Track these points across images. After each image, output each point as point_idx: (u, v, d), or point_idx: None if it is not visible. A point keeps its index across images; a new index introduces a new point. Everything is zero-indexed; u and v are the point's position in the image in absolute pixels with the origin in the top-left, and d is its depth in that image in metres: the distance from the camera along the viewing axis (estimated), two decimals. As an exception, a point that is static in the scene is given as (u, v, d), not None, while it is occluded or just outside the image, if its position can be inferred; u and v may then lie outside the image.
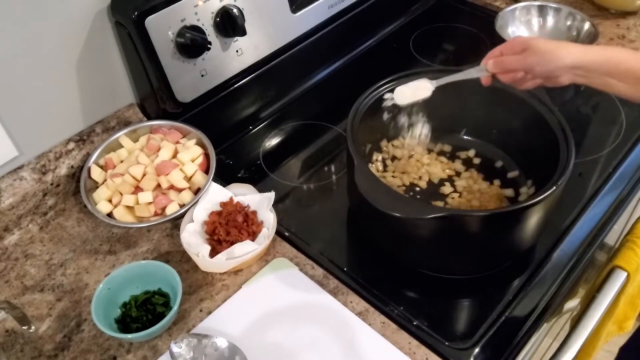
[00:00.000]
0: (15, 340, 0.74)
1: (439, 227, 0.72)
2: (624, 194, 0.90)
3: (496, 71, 0.78)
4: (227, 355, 0.68)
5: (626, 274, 0.90)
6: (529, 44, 0.75)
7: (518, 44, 0.76)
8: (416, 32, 1.27)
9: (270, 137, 1.04)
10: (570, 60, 0.73)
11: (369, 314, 0.75)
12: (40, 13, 0.79)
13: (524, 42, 0.76)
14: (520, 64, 0.76)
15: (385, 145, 0.96)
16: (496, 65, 0.78)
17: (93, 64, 0.89)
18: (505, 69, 0.77)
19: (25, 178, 0.86)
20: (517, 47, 0.76)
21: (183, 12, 0.87)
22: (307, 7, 1.06)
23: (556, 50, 0.73)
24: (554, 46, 0.74)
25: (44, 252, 0.84)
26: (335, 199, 0.93)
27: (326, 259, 0.81)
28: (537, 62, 0.74)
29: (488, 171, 0.92)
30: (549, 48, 0.74)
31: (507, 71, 0.77)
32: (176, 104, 0.93)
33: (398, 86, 0.84)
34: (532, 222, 0.76)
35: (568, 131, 0.78)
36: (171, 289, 0.75)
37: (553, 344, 1.10)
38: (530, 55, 0.74)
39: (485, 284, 0.79)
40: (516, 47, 0.76)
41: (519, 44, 0.76)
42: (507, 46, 0.78)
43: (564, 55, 0.73)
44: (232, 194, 0.85)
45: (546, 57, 0.73)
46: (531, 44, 0.75)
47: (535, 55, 0.74)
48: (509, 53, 0.77)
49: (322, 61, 1.17)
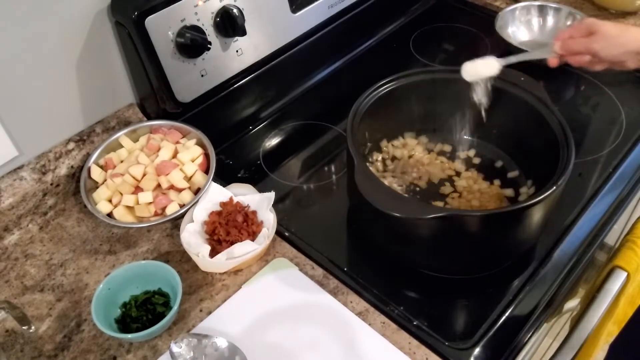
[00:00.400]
0: (15, 340, 0.74)
1: (439, 227, 0.72)
2: (624, 194, 0.90)
3: (563, 52, 0.78)
4: (227, 355, 0.68)
5: (626, 274, 0.90)
6: (597, 28, 0.75)
7: (586, 26, 0.76)
8: (416, 32, 1.27)
9: (270, 137, 1.04)
10: (635, 46, 0.73)
11: (369, 314, 0.75)
12: (40, 13, 0.79)
13: (592, 25, 0.75)
14: (586, 48, 0.76)
15: (385, 145, 0.96)
16: (563, 47, 0.78)
17: (93, 64, 0.89)
18: (572, 51, 0.77)
19: (25, 178, 0.86)
20: (585, 29, 0.76)
21: (183, 12, 0.87)
22: (307, 7, 1.06)
23: (621, 35, 0.73)
24: (620, 31, 0.73)
25: (44, 252, 0.84)
26: (335, 199, 0.93)
27: (326, 259, 0.81)
28: (602, 47, 0.74)
29: (488, 171, 0.92)
30: (615, 33, 0.73)
31: (574, 53, 0.77)
32: (176, 104, 0.93)
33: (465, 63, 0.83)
34: (532, 222, 0.76)
35: (568, 131, 0.78)
36: (171, 289, 0.75)
37: (553, 344, 1.10)
38: (596, 40, 0.74)
39: (485, 284, 0.79)
40: (584, 30, 0.76)
41: (587, 26, 0.76)
42: (576, 28, 0.78)
43: (629, 42, 0.73)
44: (232, 194, 0.85)
45: (611, 42, 0.73)
46: (598, 28, 0.74)
47: (601, 40, 0.74)
48: (578, 35, 0.77)
49: (322, 61, 1.17)
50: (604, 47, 0.74)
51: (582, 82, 1.10)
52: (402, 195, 0.83)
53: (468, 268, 0.81)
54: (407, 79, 0.88)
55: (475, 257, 0.79)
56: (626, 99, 1.06)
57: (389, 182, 0.91)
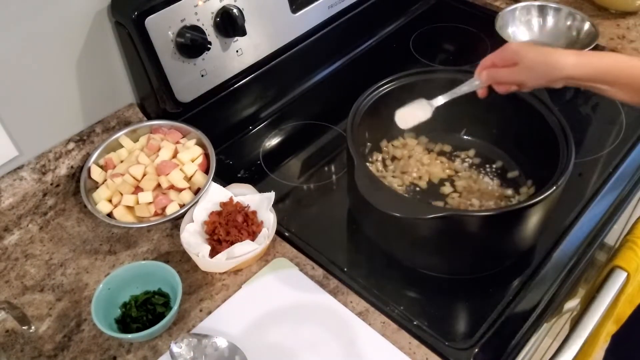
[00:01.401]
0: (15, 340, 0.74)
1: (439, 227, 0.72)
2: (624, 194, 0.90)
3: (490, 83, 0.77)
4: (227, 355, 0.68)
5: (626, 274, 0.90)
6: (520, 57, 0.72)
7: (510, 55, 0.74)
8: (416, 32, 1.27)
9: (270, 137, 1.04)
10: (562, 75, 0.71)
11: (369, 314, 0.75)
12: (40, 13, 0.79)
13: (515, 54, 0.73)
14: (512, 79, 0.74)
15: (385, 145, 0.96)
16: (489, 78, 0.76)
17: (93, 64, 0.89)
18: (498, 82, 0.76)
19: (25, 178, 0.86)
20: (508, 58, 0.74)
21: (183, 12, 0.87)
22: (307, 7, 1.06)
23: (547, 63, 0.71)
24: (545, 59, 0.71)
25: (44, 252, 0.84)
26: (335, 199, 0.93)
27: (326, 259, 0.81)
28: (528, 77, 0.73)
29: (488, 171, 0.92)
30: (540, 61, 0.71)
31: (501, 83, 0.76)
32: (176, 104, 0.93)
33: (398, 110, 0.83)
34: (532, 222, 0.76)
35: (568, 131, 0.78)
36: (171, 289, 0.75)
37: (553, 344, 1.10)
38: (521, 70, 0.73)
39: (485, 284, 0.79)
40: (507, 59, 0.74)
41: (510, 55, 0.74)
42: (499, 56, 0.76)
43: (556, 71, 0.71)
44: (232, 194, 0.85)
45: (537, 72, 0.72)
46: (522, 58, 0.72)
47: (526, 71, 0.72)
48: (501, 64, 0.75)
49: (322, 61, 1.17)
50: (529, 77, 0.73)
51: (582, 82, 1.10)
52: (402, 195, 0.83)
53: (468, 268, 0.81)
54: (407, 79, 0.88)
55: (475, 257, 0.79)
56: (626, 99, 1.06)
57: (389, 182, 0.91)
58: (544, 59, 0.72)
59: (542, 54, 0.73)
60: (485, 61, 0.78)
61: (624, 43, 1.17)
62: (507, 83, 0.75)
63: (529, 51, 0.73)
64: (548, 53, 0.73)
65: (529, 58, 0.72)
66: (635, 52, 1.14)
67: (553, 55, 0.72)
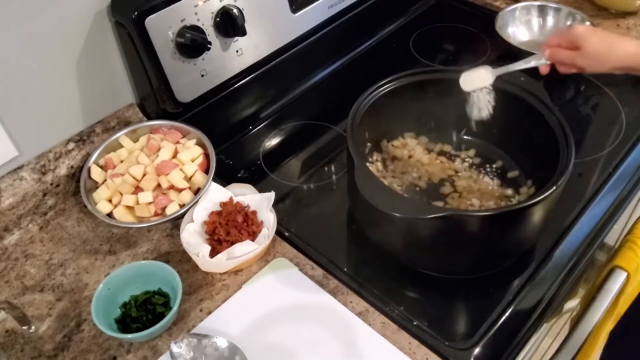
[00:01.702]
0: (15, 340, 0.74)
1: (439, 227, 0.72)
2: (624, 194, 0.90)
3: (551, 61, 0.78)
4: (227, 355, 0.68)
5: (626, 274, 0.90)
6: (582, 43, 0.74)
7: (574, 38, 0.75)
8: (416, 32, 1.27)
9: (270, 137, 1.04)
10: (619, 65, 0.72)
11: (369, 314, 0.75)
12: (40, 13, 0.79)
13: (578, 39, 0.75)
14: (572, 62, 0.76)
15: (385, 145, 0.96)
16: (552, 57, 0.78)
17: (93, 64, 0.89)
18: (559, 61, 0.78)
19: (25, 178, 0.86)
20: (572, 41, 0.75)
21: (183, 12, 0.87)
22: (307, 7, 1.06)
23: (606, 54, 0.72)
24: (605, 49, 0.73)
25: (44, 252, 0.84)
26: (335, 199, 0.93)
27: (326, 259, 0.81)
28: (586, 64, 0.75)
29: (488, 171, 0.92)
30: (599, 51, 0.73)
31: (562, 63, 0.77)
32: (176, 104, 0.93)
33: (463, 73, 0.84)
34: (532, 222, 0.76)
35: (568, 131, 0.78)
36: (171, 289, 0.75)
37: (553, 344, 1.10)
38: (581, 56, 0.74)
39: (485, 284, 0.79)
40: (571, 41, 0.76)
41: (574, 38, 0.75)
42: (565, 37, 0.77)
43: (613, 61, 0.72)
44: (232, 194, 0.85)
45: (595, 60, 0.73)
46: (583, 44, 0.74)
47: (586, 57, 0.74)
48: (565, 45, 0.77)
49: (322, 61, 1.17)
50: (589, 64, 0.75)
51: (582, 82, 1.10)
52: (402, 195, 0.83)
53: (468, 268, 0.81)
54: (407, 79, 0.88)
55: (475, 257, 0.79)
56: (626, 99, 1.06)
57: (389, 182, 0.91)
58: (607, 48, 0.73)
59: (605, 42, 0.74)
60: (551, 40, 0.79)
61: (624, 43, 1.17)
62: (567, 65, 0.77)
63: (593, 37, 0.75)
64: (611, 41, 0.74)
65: (591, 45, 0.74)
66: (635, 52, 1.14)
67: (615, 44, 0.74)
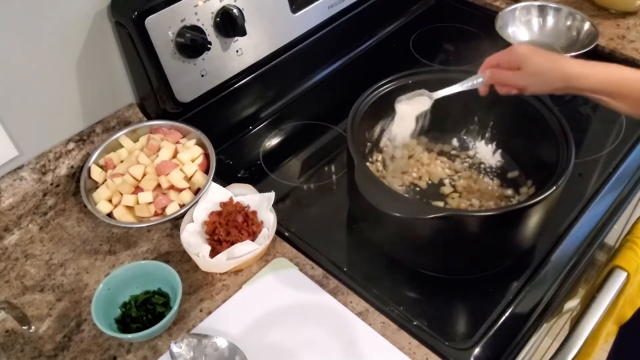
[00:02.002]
0: (15, 340, 0.74)
1: (439, 227, 0.72)
2: (624, 194, 0.90)
3: (492, 82, 0.77)
4: (227, 355, 0.68)
5: (626, 274, 0.90)
6: (525, 62, 0.72)
7: (515, 58, 0.73)
8: (416, 32, 1.27)
9: (270, 137, 1.04)
10: (566, 85, 0.70)
11: (369, 314, 0.75)
12: (40, 13, 0.79)
13: (520, 58, 0.73)
14: (514, 82, 0.74)
15: (385, 145, 0.96)
16: (492, 78, 0.76)
17: (93, 64, 0.89)
18: (500, 82, 0.76)
19: (25, 178, 0.86)
20: (513, 61, 0.74)
21: (183, 12, 0.87)
22: (307, 7, 1.06)
23: (551, 72, 0.71)
24: (550, 68, 0.71)
25: (44, 252, 0.84)
26: (335, 199, 0.93)
27: (326, 259, 0.81)
28: (530, 83, 0.73)
29: (488, 171, 0.92)
30: (544, 70, 0.71)
31: (503, 84, 0.76)
32: (176, 104, 0.93)
33: (399, 100, 0.84)
34: (532, 222, 0.76)
35: (568, 131, 0.78)
36: (171, 289, 0.75)
37: (553, 344, 1.10)
38: (524, 76, 0.72)
39: (485, 284, 0.79)
40: (512, 62, 0.74)
41: (515, 58, 0.73)
42: (505, 58, 0.75)
43: (559, 80, 0.70)
44: (232, 194, 0.85)
45: (540, 80, 0.71)
46: (526, 63, 0.72)
47: (529, 77, 0.72)
48: (505, 65, 0.75)
49: (322, 61, 1.17)
50: (530, 84, 0.72)
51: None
52: (402, 195, 0.83)
53: (468, 268, 0.81)
54: (407, 79, 0.88)
55: (475, 257, 0.79)
56: (626, 99, 1.05)
57: (389, 182, 0.91)
58: (548, 68, 0.71)
59: (546, 62, 0.72)
60: (490, 60, 0.77)
61: (624, 43, 1.17)
62: (509, 86, 0.75)
63: (534, 57, 0.72)
64: (553, 61, 0.72)
65: (534, 65, 0.72)
66: (635, 52, 1.14)
67: (557, 64, 0.71)
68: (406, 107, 0.84)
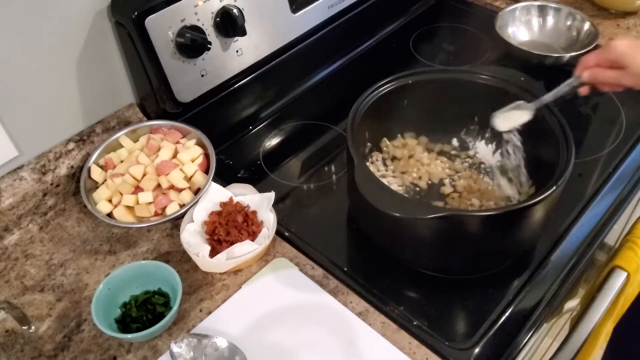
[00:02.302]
0: (15, 340, 0.74)
1: (439, 227, 0.72)
2: (624, 194, 0.90)
3: (592, 82, 0.76)
4: (227, 355, 0.68)
5: (626, 274, 0.90)
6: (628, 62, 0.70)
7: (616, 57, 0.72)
8: (416, 32, 1.27)
9: (270, 137, 1.04)
10: None
11: (369, 314, 0.75)
12: (40, 13, 0.79)
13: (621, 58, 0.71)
14: (617, 82, 0.73)
15: (385, 145, 0.96)
16: (592, 77, 0.75)
17: (93, 64, 0.89)
18: (601, 82, 0.75)
19: (25, 178, 0.86)
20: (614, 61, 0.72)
21: (183, 12, 0.87)
22: (307, 7, 1.06)
23: None
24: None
25: (44, 252, 0.84)
26: (335, 199, 0.93)
27: (326, 259, 0.81)
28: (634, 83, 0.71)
29: (488, 171, 0.92)
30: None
31: (604, 84, 0.75)
32: (176, 104, 0.93)
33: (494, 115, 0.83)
34: (532, 222, 0.76)
35: (568, 131, 0.78)
36: (171, 289, 0.75)
37: (553, 344, 1.10)
38: (627, 76, 0.71)
39: (486, 283, 0.79)
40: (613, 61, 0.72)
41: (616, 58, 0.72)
42: (604, 57, 0.74)
43: None
44: (232, 194, 0.85)
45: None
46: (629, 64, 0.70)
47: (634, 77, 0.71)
48: (605, 64, 0.74)
49: (322, 61, 1.17)
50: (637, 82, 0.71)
51: (582, 82, 1.10)
52: (402, 195, 0.83)
53: (468, 268, 0.81)
54: (407, 79, 0.88)
55: (476, 257, 0.79)
56: (626, 99, 1.06)
57: (389, 182, 0.91)
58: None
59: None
60: (588, 61, 0.76)
61: (624, 43, 1.17)
62: (613, 85, 0.74)
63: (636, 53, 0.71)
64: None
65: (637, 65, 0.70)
66: (635, 52, 1.14)
67: None
68: (502, 122, 0.83)
